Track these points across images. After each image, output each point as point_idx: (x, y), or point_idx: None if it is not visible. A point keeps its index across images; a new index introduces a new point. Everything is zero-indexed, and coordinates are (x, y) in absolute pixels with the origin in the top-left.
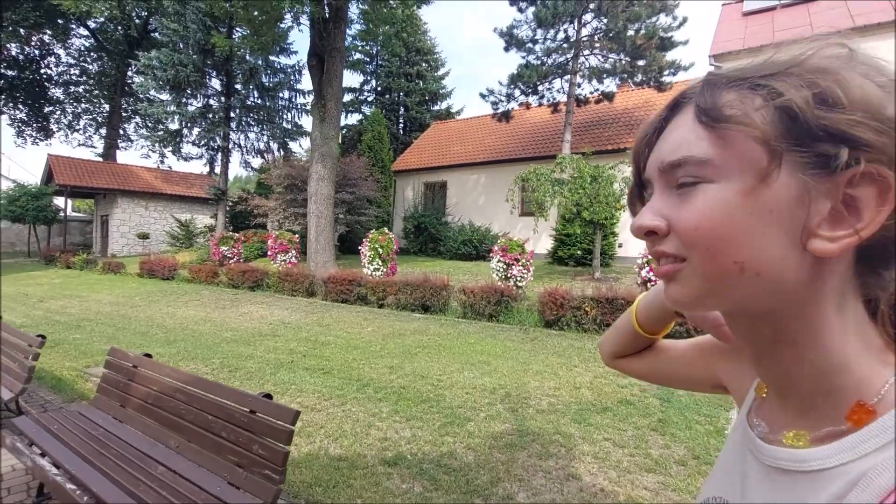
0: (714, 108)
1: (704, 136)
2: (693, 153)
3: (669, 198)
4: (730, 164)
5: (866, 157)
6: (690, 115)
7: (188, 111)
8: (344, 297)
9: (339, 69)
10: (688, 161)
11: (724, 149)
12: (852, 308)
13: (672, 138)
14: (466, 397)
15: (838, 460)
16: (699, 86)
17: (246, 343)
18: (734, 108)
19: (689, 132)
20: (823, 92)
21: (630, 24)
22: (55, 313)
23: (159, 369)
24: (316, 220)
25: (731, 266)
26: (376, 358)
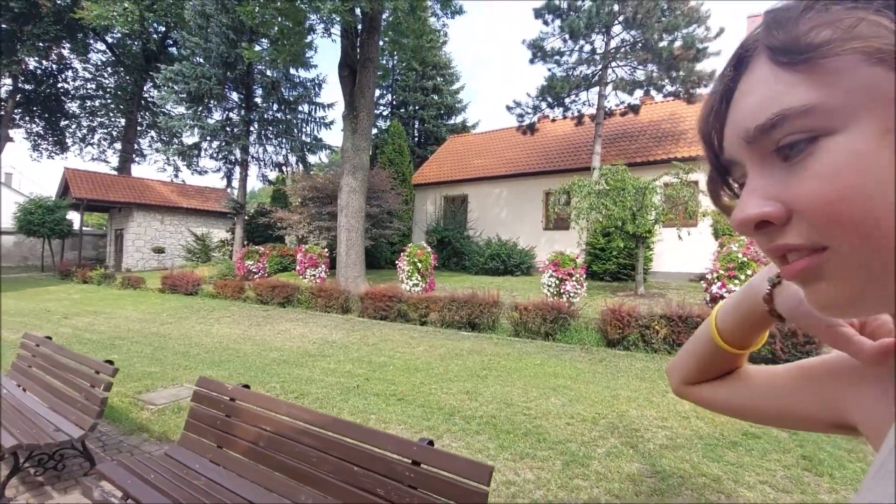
0: (796, 39)
1: (796, 81)
2: (790, 104)
3: (774, 172)
4: (848, 101)
5: None
6: (765, 64)
7: (209, 124)
8: (383, 313)
9: (371, 80)
10: (785, 116)
11: (830, 86)
12: None
13: (752, 98)
14: (569, 429)
15: None
16: (762, 28)
17: (297, 364)
18: (825, 28)
19: (772, 83)
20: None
21: (666, 35)
22: (83, 331)
23: (270, 404)
24: (347, 233)
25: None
26: (445, 382)
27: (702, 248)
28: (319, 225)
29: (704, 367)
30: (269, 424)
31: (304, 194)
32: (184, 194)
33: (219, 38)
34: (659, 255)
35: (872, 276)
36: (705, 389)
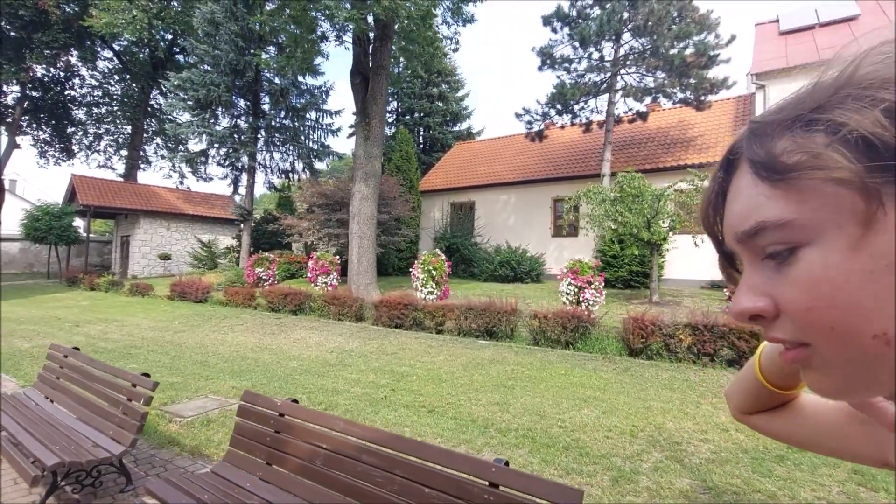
0: (772, 159)
1: (773, 194)
2: (766, 216)
3: (764, 269)
4: (818, 218)
5: None
6: (748, 173)
7: (217, 131)
8: (398, 321)
9: (383, 87)
10: (764, 226)
11: (802, 203)
12: None
13: (738, 204)
14: (609, 443)
15: None
16: (745, 137)
17: (319, 374)
18: (795, 153)
19: (754, 193)
20: (892, 105)
21: (678, 42)
22: (97, 339)
23: (325, 420)
24: (359, 240)
25: (870, 343)
26: (472, 392)
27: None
28: (329, 232)
29: (754, 401)
30: (326, 441)
31: (313, 201)
32: (190, 201)
33: (228, 46)
34: (670, 262)
35: (854, 372)
36: (761, 419)
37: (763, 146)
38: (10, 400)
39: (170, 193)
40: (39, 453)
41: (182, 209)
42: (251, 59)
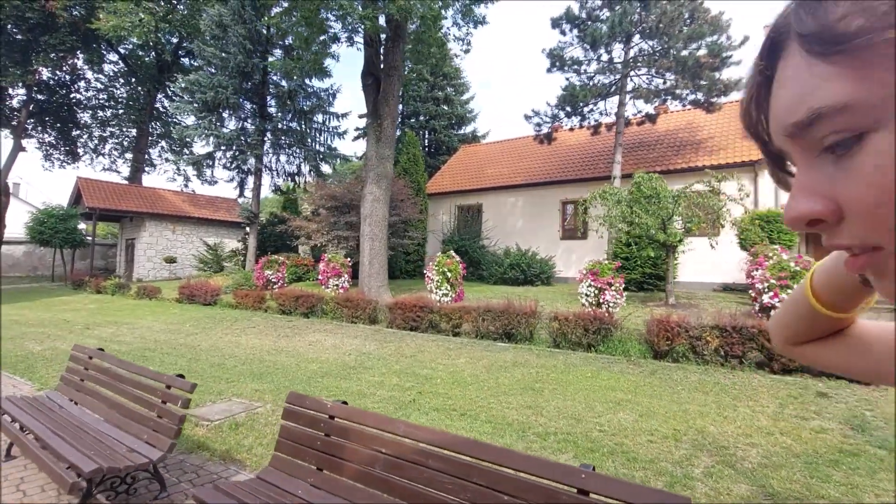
0: (828, 28)
1: (831, 73)
2: (823, 101)
3: (823, 165)
4: (887, 95)
5: None
6: (798, 52)
7: (224, 133)
8: (413, 324)
9: (396, 88)
10: (821, 114)
11: (866, 79)
12: None
13: (788, 91)
14: (654, 447)
15: None
16: (793, 10)
17: (341, 377)
18: (857, 16)
19: (806, 75)
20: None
21: (691, 43)
22: (109, 342)
23: (383, 423)
24: (370, 242)
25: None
26: (500, 395)
27: (724, 258)
28: (338, 234)
29: (806, 329)
30: (385, 445)
31: (321, 203)
32: (195, 204)
33: (236, 49)
34: (682, 264)
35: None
36: (812, 350)
37: (816, 15)
38: (32, 402)
39: (175, 196)
40: (75, 458)
41: (187, 212)
42: (258, 61)
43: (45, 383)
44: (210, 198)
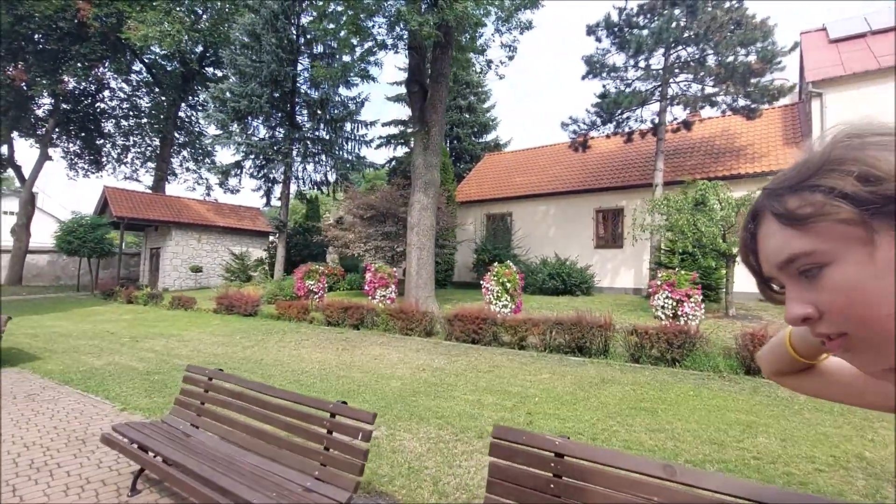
0: (791, 213)
1: (796, 234)
2: (797, 249)
3: (803, 285)
4: (834, 245)
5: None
6: (773, 221)
7: (256, 142)
8: (474, 336)
9: (443, 95)
10: (797, 256)
11: (820, 236)
12: None
13: (771, 243)
14: (827, 478)
15: None
16: (764, 197)
17: (432, 395)
18: (806, 207)
19: (781, 234)
20: (860, 174)
21: (742, 48)
22: (166, 355)
23: (637, 465)
24: (418, 252)
25: (886, 321)
26: (616, 416)
27: None
28: (376, 244)
29: (786, 367)
30: (658, 493)
31: (359, 213)
32: (219, 213)
33: (270, 56)
34: None
35: (883, 346)
36: (792, 380)
37: (782, 204)
38: (157, 430)
39: (200, 205)
40: (249, 496)
41: (212, 221)
42: (290, 69)
43: (125, 403)
44: (233, 207)
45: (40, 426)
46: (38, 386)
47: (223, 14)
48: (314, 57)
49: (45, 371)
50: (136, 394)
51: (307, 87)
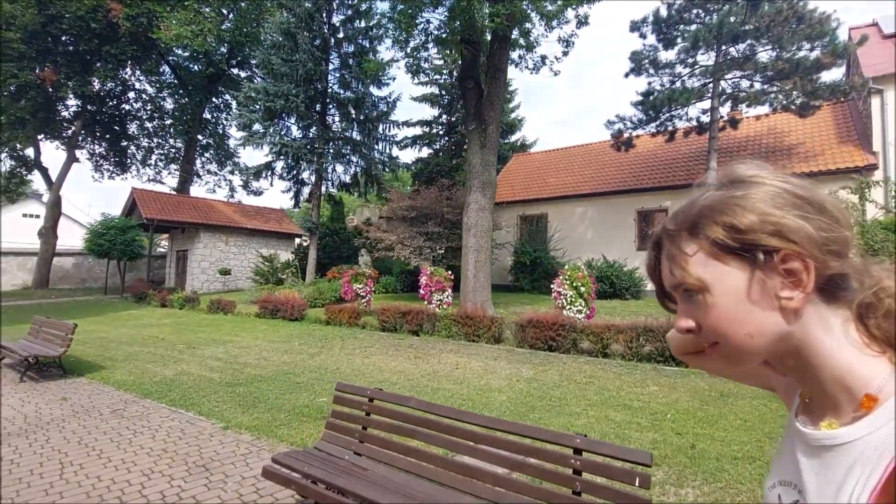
0: (674, 258)
1: (681, 268)
2: (681, 280)
3: (688, 303)
4: (707, 279)
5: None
6: (665, 251)
7: (291, 142)
8: (550, 344)
9: (501, 91)
10: (680, 284)
11: (696, 271)
12: (837, 326)
13: (665, 270)
14: None
15: (861, 433)
16: (662, 235)
17: (555, 411)
18: (685, 254)
19: (671, 266)
20: (726, 223)
21: (809, 42)
22: (235, 364)
23: None
24: (475, 254)
25: (744, 337)
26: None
27: None
28: (419, 245)
29: (690, 347)
30: None
31: (404, 213)
32: (245, 215)
33: (305, 55)
34: None
35: (741, 354)
36: (692, 358)
37: (674, 244)
38: (318, 458)
39: (226, 207)
40: None
41: (239, 223)
42: (324, 68)
43: (222, 419)
44: (258, 208)
45: (146, 448)
46: (118, 399)
47: (249, 14)
48: (346, 56)
49: (116, 382)
50: (229, 409)
51: (338, 86)
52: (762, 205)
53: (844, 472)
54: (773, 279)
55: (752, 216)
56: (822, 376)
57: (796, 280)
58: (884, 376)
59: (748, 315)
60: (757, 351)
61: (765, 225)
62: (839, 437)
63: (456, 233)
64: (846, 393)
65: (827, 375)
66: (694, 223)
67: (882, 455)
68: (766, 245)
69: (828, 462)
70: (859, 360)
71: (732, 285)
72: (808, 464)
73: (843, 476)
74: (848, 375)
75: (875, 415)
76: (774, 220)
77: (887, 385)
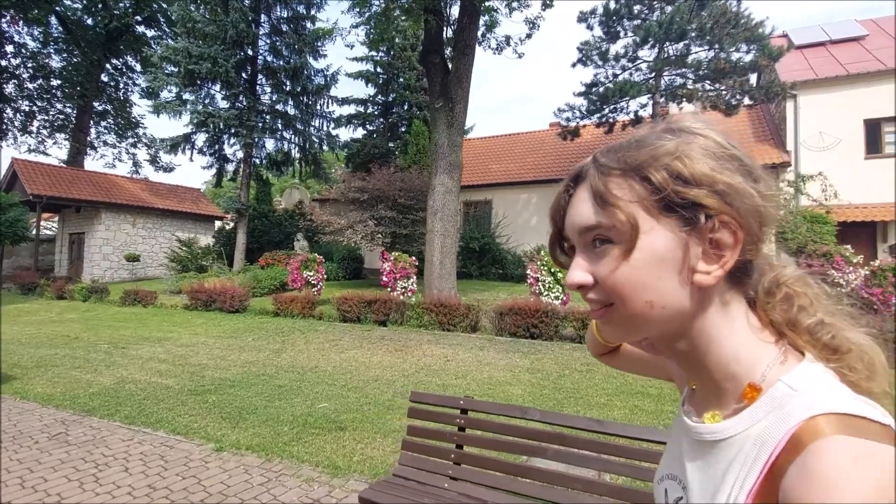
0: (604, 192)
1: (600, 209)
2: (598, 221)
3: (590, 254)
4: (623, 230)
5: (716, 214)
6: (587, 190)
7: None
8: (532, 332)
9: (470, 69)
10: (595, 227)
11: (615, 220)
12: (735, 309)
13: (581, 208)
14: None
15: (741, 428)
16: (591, 166)
17: (582, 403)
18: (615, 194)
19: (590, 205)
20: (674, 170)
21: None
22: (187, 366)
23: None
24: (441, 239)
25: (644, 305)
26: None
27: None
28: (371, 230)
29: (600, 349)
30: None
31: (353, 196)
32: (156, 194)
33: (237, 14)
34: None
35: (633, 323)
36: (608, 358)
37: (603, 181)
38: (407, 489)
39: (132, 184)
40: None
41: (149, 202)
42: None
43: (214, 439)
44: (171, 186)
45: (124, 487)
46: (51, 420)
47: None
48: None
49: (39, 396)
50: (212, 425)
51: (270, 54)
52: (712, 160)
53: (723, 471)
54: (696, 248)
55: (704, 167)
56: (709, 362)
57: (719, 254)
58: (767, 363)
59: (657, 282)
60: (653, 322)
61: (714, 182)
62: (719, 431)
63: (409, 218)
64: (731, 381)
65: (713, 361)
66: (636, 163)
67: (760, 452)
68: (707, 205)
69: (708, 459)
70: (749, 346)
71: (652, 245)
72: (691, 458)
73: (721, 474)
74: (734, 362)
75: (756, 406)
76: (724, 180)
77: (771, 373)
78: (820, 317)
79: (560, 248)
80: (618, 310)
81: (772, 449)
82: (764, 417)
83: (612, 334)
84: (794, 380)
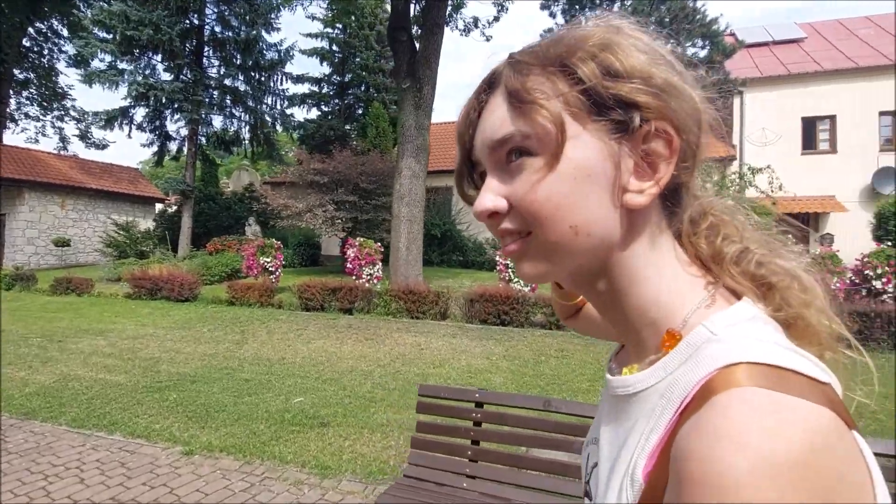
0: (520, 91)
1: (519, 115)
2: (514, 129)
3: (503, 175)
4: (544, 137)
5: (652, 117)
6: (503, 94)
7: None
8: (504, 318)
9: (438, 48)
10: (512, 136)
11: (535, 125)
12: (664, 241)
13: (494, 117)
14: None
15: (653, 381)
16: (506, 65)
17: (564, 389)
18: (535, 91)
19: (507, 111)
20: (604, 62)
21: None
22: (138, 360)
23: None
24: (408, 225)
25: (567, 231)
26: None
27: None
28: (332, 215)
29: (564, 311)
30: None
31: (313, 179)
32: (88, 173)
33: None
34: None
35: (554, 255)
36: (573, 322)
37: (518, 79)
38: (420, 491)
39: (60, 162)
40: None
41: (80, 182)
42: None
43: (181, 441)
44: (105, 165)
45: (81, 499)
46: None
47: None
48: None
49: None
50: (177, 425)
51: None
52: (647, 55)
53: (629, 429)
54: (627, 161)
55: (640, 58)
56: (628, 306)
57: (653, 168)
58: (691, 307)
59: (582, 201)
60: (576, 254)
61: (650, 76)
62: (631, 384)
63: (370, 203)
64: (651, 328)
65: (632, 305)
66: (559, 54)
67: (667, 406)
68: (642, 104)
69: (620, 416)
70: (670, 285)
71: (578, 157)
72: (605, 418)
73: (625, 434)
74: (654, 306)
75: (671, 355)
76: (661, 75)
77: (693, 318)
78: (745, 244)
79: (469, 179)
80: (536, 238)
81: (679, 401)
82: (676, 369)
83: (529, 271)
84: (716, 324)
